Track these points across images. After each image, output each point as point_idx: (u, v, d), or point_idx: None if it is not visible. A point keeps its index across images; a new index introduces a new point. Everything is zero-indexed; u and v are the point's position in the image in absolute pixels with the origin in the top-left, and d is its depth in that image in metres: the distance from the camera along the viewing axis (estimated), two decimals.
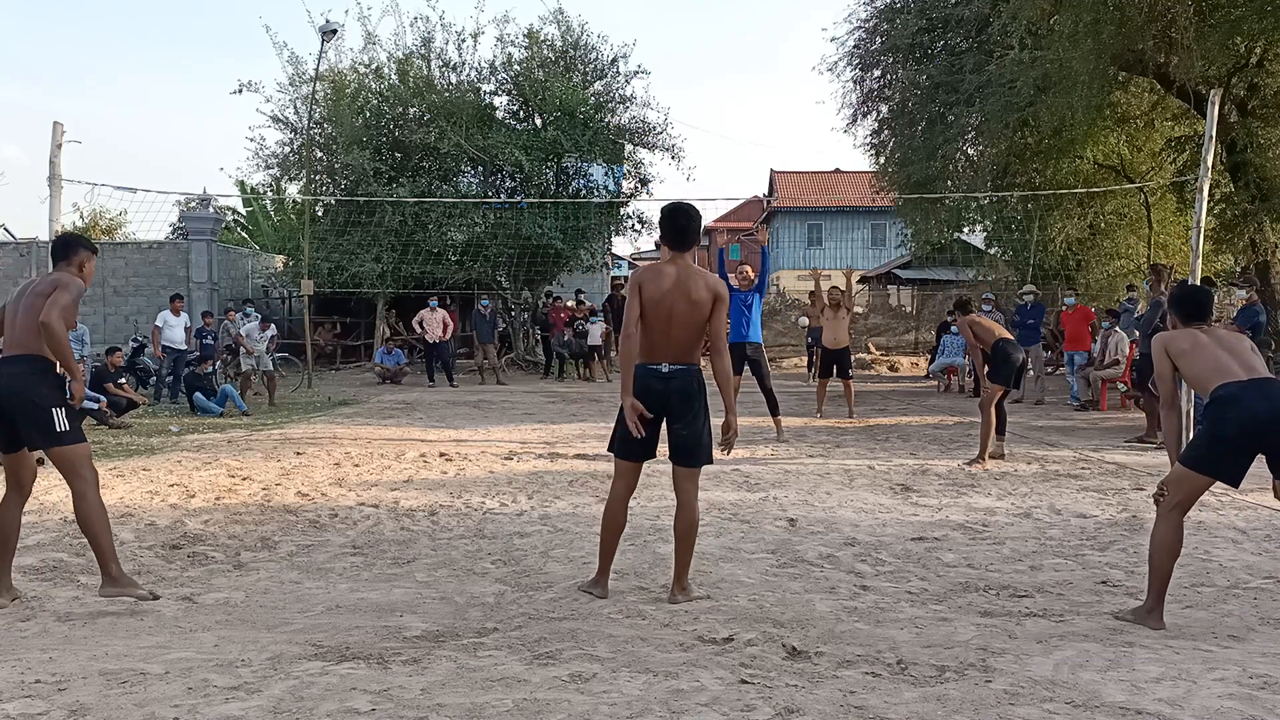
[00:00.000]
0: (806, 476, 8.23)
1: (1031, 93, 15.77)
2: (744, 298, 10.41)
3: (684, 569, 4.70)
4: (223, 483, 7.82)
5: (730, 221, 51.66)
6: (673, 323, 4.53)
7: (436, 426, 11.97)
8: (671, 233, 4.65)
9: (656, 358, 4.57)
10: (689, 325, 4.55)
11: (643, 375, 4.57)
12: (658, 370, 4.56)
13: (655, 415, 4.57)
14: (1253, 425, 4.19)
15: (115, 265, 21.70)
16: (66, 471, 4.58)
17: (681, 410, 4.57)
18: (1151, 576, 4.37)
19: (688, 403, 4.57)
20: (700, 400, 4.61)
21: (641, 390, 4.55)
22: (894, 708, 3.32)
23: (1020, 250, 22.63)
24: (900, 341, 28.07)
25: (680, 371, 4.56)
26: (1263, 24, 13.58)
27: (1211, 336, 4.54)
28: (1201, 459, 4.32)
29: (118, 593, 4.52)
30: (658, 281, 4.56)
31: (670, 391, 4.55)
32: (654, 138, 23.02)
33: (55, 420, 4.49)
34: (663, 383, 4.54)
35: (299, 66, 22.55)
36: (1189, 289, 4.98)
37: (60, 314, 4.49)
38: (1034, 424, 12.25)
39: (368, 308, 23.00)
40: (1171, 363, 4.55)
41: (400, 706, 3.30)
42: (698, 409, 4.60)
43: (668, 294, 4.53)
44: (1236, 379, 4.30)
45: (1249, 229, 16.58)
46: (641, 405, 4.53)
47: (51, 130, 9.63)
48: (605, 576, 4.77)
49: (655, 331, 4.55)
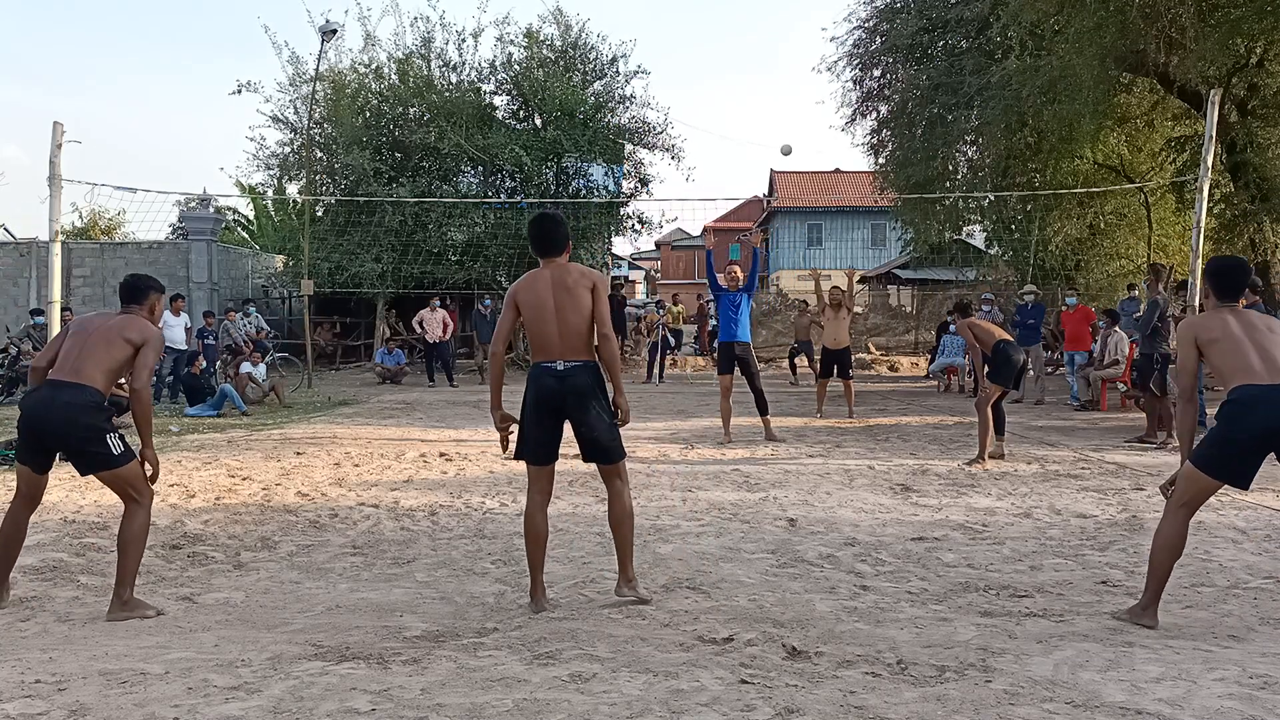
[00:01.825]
0: (806, 476, 8.23)
1: (1038, 100, 15.77)
2: (732, 298, 10.42)
3: (626, 559, 4.63)
4: (223, 483, 7.82)
5: (730, 221, 51.61)
6: (559, 317, 4.49)
7: (436, 426, 11.96)
8: (536, 241, 4.66)
9: (551, 355, 4.51)
10: (574, 316, 4.49)
11: (538, 374, 4.51)
12: (553, 368, 4.49)
13: (554, 414, 4.50)
14: (1268, 432, 4.11)
15: (115, 265, 21.69)
16: (123, 492, 4.57)
17: (579, 409, 4.48)
18: (1150, 574, 4.33)
19: (583, 401, 4.47)
20: (598, 397, 4.51)
21: (537, 389, 4.50)
22: (894, 708, 3.32)
23: (1020, 250, 22.65)
24: (900, 341, 28.06)
25: (576, 368, 4.48)
26: (1263, 24, 13.60)
27: (1243, 324, 4.32)
28: (1213, 460, 4.21)
29: (127, 616, 4.45)
30: (533, 287, 4.57)
31: (566, 390, 4.46)
32: (654, 138, 23.07)
33: (111, 446, 4.48)
34: (558, 381, 4.47)
35: (299, 66, 22.60)
36: (1227, 261, 4.69)
37: (149, 378, 4.57)
38: (1034, 424, 12.25)
39: (368, 308, 23.00)
40: (1198, 351, 4.35)
41: (400, 706, 3.30)
42: (597, 407, 4.51)
43: (544, 293, 4.53)
44: (1259, 381, 4.16)
45: (1249, 229, 16.60)
46: (512, 419, 4.58)
47: (51, 130, 9.64)
48: (540, 591, 4.58)
49: (544, 331, 4.51)
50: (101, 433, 4.46)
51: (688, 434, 11.18)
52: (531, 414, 4.52)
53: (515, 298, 4.60)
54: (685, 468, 8.75)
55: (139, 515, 4.55)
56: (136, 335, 4.59)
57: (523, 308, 4.57)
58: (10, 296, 21.81)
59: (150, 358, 4.58)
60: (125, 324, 4.63)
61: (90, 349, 4.55)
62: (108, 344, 4.55)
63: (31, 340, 15.17)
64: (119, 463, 4.49)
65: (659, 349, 20.32)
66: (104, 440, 4.45)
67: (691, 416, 13.09)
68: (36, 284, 21.07)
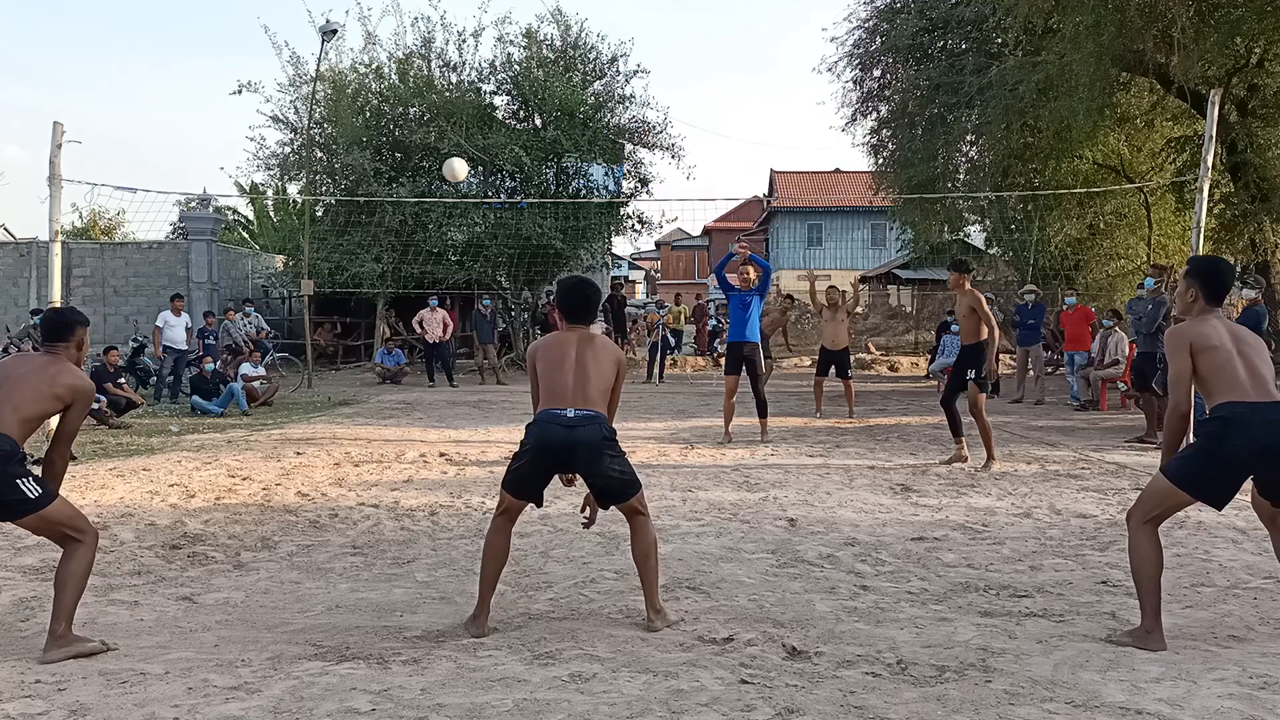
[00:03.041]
0: (806, 476, 8.23)
1: (1034, 96, 15.78)
2: (743, 298, 10.42)
3: (653, 591, 4.32)
4: (223, 483, 7.82)
5: (730, 221, 51.64)
6: (579, 368, 4.26)
7: (436, 426, 11.96)
8: (573, 306, 4.47)
9: (562, 402, 4.20)
10: (594, 373, 4.27)
11: (545, 419, 4.19)
12: (561, 415, 4.17)
13: (552, 465, 4.26)
14: (1255, 453, 3.92)
15: (115, 265, 21.69)
16: (57, 535, 4.12)
17: (591, 462, 4.19)
18: (1142, 596, 4.08)
19: (595, 454, 4.17)
20: (608, 447, 4.21)
21: (541, 437, 4.18)
22: (894, 708, 3.32)
23: (1020, 250, 22.63)
24: (900, 341, 28.08)
25: (586, 418, 4.17)
26: (1263, 24, 13.60)
27: (1233, 335, 4.14)
28: (1195, 479, 4.01)
29: (64, 655, 3.91)
30: (557, 343, 4.36)
31: (575, 441, 4.15)
32: (653, 137, 23.08)
33: (26, 490, 4.02)
34: (567, 432, 4.15)
35: (299, 66, 22.55)
36: (1216, 261, 4.53)
37: (69, 446, 4.25)
38: (1034, 424, 12.25)
39: (368, 308, 23.00)
40: (1192, 359, 4.10)
41: (400, 706, 3.30)
42: (608, 456, 4.20)
43: (568, 348, 4.32)
44: (1246, 398, 3.97)
45: (1249, 229, 16.59)
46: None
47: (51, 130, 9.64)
48: (484, 612, 4.24)
49: (559, 379, 4.26)
50: (11, 478, 4.01)
51: (688, 434, 11.18)
52: (529, 457, 4.21)
53: (534, 357, 4.40)
54: (685, 468, 8.75)
55: (80, 553, 4.08)
56: (67, 393, 4.18)
57: (540, 363, 4.35)
58: (10, 296, 21.81)
59: (77, 421, 4.23)
60: (56, 376, 4.18)
61: (10, 394, 4.11)
62: (36, 396, 4.12)
63: (31, 340, 15.17)
64: (39, 505, 4.03)
65: (659, 349, 20.33)
66: (16, 486, 4.00)
67: (691, 417, 13.09)
68: (36, 284, 21.05)
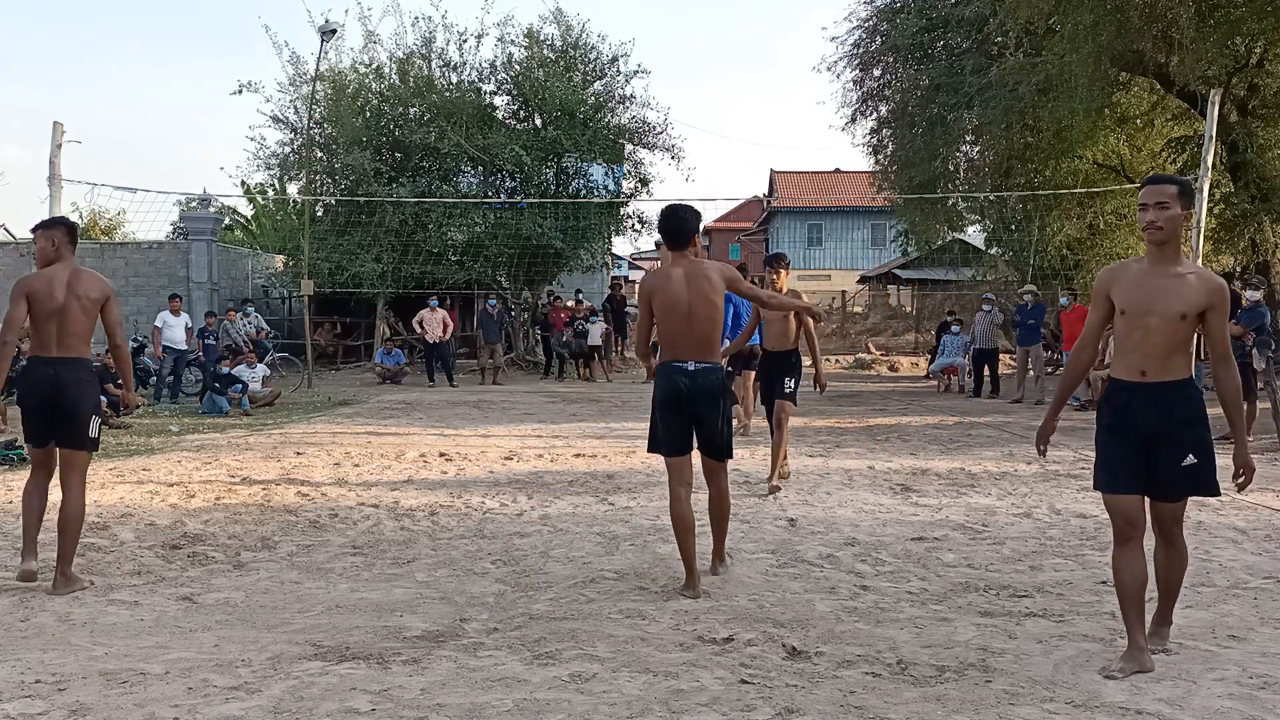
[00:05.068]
0: (806, 476, 8.23)
1: (1034, 96, 15.78)
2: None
3: (721, 545, 5.07)
4: (223, 483, 7.82)
5: (730, 221, 51.66)
6: (692, 319, 4.67)
7: (436, 426, 11.96)
8: (670, 233, 4.85)
9: (682, 355, 4.69)
10: (707, 319, 4.69)
11: (669, 372, 4.70)
12: (684, 368, 4.67)
13: (680, 411, 4.69)
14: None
15: (115, 265, 21.65)
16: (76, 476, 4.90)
17: (706, 411, 4.69)
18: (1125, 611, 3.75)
19: (712, 404, 4.69)
20: (724, 400, 4.74)
21: (666, 386, 4.69)
22: (894, 708, 3.32)
23: (1020, 250, 22.63)
24: (900, 341, 28.07)
25: (705, 370, 4.67)
26: (1263, 24, 13.60)
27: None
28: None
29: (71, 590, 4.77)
30: (666, 286, 4.71)
31: (695, 390, 4.66)
32: (654, 137, 23.07)
33: (93, 429, 4.91)
34: (689, 380, 4.65)
35: (299, 66, 22.55)
36: None
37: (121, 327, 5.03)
38: (1034, 424, 12.22)
39: (368, 308, 22.99)
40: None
41: (400, 706, 3.30)
42: (720, 409, 4.73)
43: (679, 292, 4.69)
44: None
45: (1249, 229, 16.58)
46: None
47: (51, 130, 9.66)
48: (693, 575, 4.78)
49: (676, 331, 4.71)
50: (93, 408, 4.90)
51: None
52: (660, 411, 4.75)
53: (649, 298, 4.78)
54: None
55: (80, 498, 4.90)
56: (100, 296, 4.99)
57: (656, 307, 4.75)
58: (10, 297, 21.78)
59: (116, 309, 5.02)
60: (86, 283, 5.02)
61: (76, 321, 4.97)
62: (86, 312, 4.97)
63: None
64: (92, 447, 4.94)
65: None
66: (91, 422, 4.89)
67: None
68: None
